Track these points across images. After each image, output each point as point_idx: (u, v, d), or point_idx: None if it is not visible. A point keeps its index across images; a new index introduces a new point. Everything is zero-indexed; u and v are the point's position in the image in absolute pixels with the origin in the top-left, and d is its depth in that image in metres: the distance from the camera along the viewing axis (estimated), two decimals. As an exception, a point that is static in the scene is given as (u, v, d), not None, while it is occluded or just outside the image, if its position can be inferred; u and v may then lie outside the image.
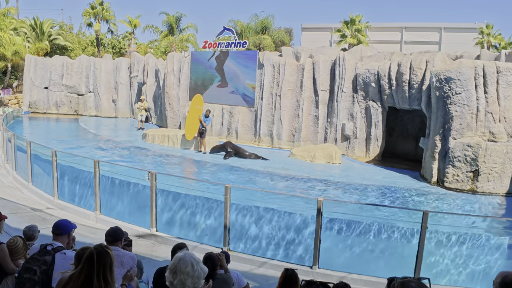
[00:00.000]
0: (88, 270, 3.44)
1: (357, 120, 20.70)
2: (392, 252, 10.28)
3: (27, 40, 40.59)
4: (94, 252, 3.48)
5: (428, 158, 16.89)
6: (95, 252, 3.48)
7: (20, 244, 5.90)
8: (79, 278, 3.44)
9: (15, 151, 16.91)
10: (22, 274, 4.78)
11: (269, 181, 16.28)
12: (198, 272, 3.25)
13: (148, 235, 11.25)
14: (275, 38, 44.37)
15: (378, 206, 13.25)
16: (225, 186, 10.18)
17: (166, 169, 17.12)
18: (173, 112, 27.38)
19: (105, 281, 3.46)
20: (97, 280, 3.42)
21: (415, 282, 2.91)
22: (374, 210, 12.37)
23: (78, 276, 3.46)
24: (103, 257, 3.49)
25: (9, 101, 36.42)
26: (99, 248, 3.54)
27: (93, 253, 3.47)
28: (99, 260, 3.46)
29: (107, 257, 3.50)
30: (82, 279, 3.43)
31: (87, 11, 46.00)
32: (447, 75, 15.78)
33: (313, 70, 22.14)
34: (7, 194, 14.75)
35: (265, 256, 10.34)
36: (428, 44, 44.06)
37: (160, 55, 42.93)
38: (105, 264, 3.48)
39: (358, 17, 41.84)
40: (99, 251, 3.50)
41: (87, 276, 3.43)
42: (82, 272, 3.45)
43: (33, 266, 4.73)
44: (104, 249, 3.55)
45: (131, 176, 12.82)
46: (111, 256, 3.55)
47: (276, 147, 23.00)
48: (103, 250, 3.53)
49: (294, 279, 4.67)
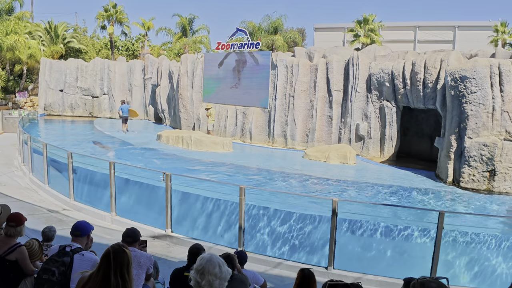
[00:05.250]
0: (105, 268, 3.48)
1: (371, 120, 20.60)
2: (407, 253, 10.21)
3: (42, 43, 40.97)
4: (111, 251, 3.52)
5: (444, 158, 16.76)
6: (111, 250, 3.52)
7: (36, 246, 5.96)
8: (97, 276, 3.49)
9: (31, 153, 17.07)
10: (41, 275, 4.83)
11: (284, 182, 16.26)
12: (225, 274, 3.28)
13: (163, 236, 11.30)
14: (287, 39, 44.34)
15: (393, 206, 13.18)
16: (239, 187, 10.18)
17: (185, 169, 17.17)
18: (186, 113, 27.50)
19: (122, 279, 3.49)
20: (115, 278, 3.46)
21: (435, 282, 2.89)
22: (389, 211, 12.31)
23: (97, 274, 3.51)
24: (120, 255, 3.52)
25: (24, 104, 36.80)
26: (115, 247, 3.58)
27: (110, 251, 3.52)
28: (115, 258, 3.49)
29: (124, 256, 3.54)
30: (100, 278, 3.47)
31: (100, 14, 46.36)
32: (462, 74, 15.65)
33: (326, 70, 22.08)
34: (24, 196, 14.90)
35: (280, 257, 10.33)
36: (442, 43, 43.69)
37: (174, 57, 43.12)
38: (122, 262, 3.51)
39: (372, 17, 41.67)
40: (116, 250, 3.54)
41: (105, 274, 3.47)
42: (100, 271, 3.50)
43: (52, 267, 4.78)
44: (121, 247, 3.59)
45: (146, 177, 12.88)
46: (128, 254, 3.58)
47: (290, 147, 22.97)
48: (120, 249, 3.57)
49: (311, 279, 4.66)
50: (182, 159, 19.39)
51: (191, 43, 45.28)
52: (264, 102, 24.09)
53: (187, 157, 19.91)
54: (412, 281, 3.01)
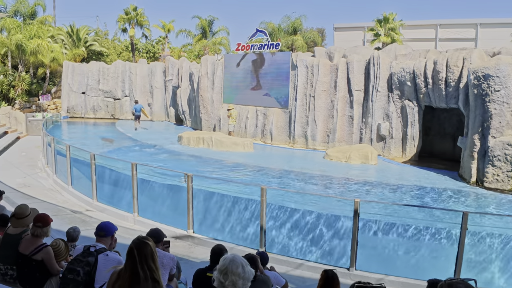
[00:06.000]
0: (132, 263, 3.57)
1: (393, 119, 20.42)
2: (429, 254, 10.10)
3: (64, 46, 41.53)
4: (133, 246, 3.61)
5: (467, 157, 16.53)
6: (133, 245, 3.61)
7: (62, 246, 6.06)
8: (126, 273, 3.59)
9: (55, 154, 17.32)
10: (66, 275, 4.92)
11: (305, 183, 16.23)
12: (248, 274, 3.30)
13: (185, 237, 11.36)
14: (307, 39, 44.21)
15: (415, 207, 13.05)
16: (261, 188, 10.18)
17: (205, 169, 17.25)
18: (207, 114, 27.62)
19: (149, 269, 3.58)
20: (142, 270, 3.54)
21: (463, 284, 2.85)
22: (412, 211, 12.18)
23: (125, 272, 3.61)
24: (143, 247, 3.60)
25: (48, 107, 37.31)
26: (136, 241, 3.66)
27: (132, 247, 3.61)
28: (139, 252, 3.58)
29: (146, 247, 3.61)
30: (128, 274, 3.57)
31: (121, 17, 46.80)
32: (485, 72, 15.42)
33: (347, 70, 21.96)
34: (48, 197, 15.13)
35: (301, 258, 10.31)
36: (464, 41, 43.02)
37: (194, 59, 43.30)
38: (146, 253, 3.59)
39: (392, 15, 41.23)
40: (137, 243, 3.62)
41: (132, 269, 3.56)
42: (127, 267, 3.60)
43: (77, 267, 4.85)
44: (142, 240, 3.67)
45: (168, 178, 12.97)
46: (150, 245, 3.65)
47: (310, 148, 22.90)
48: (141, 241, 3.65)
49: (334, 280, 4.63)
50: (203, 160, 19.46)
51: (211, 44, 45.43)
52: (285, 102, 24.05)
53: (208, 157, 19.98)
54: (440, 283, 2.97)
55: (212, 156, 20.44)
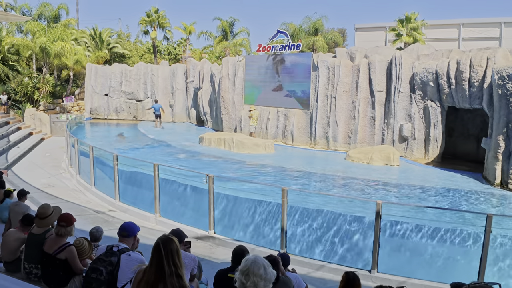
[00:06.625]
0: (157, 259, 3.71)
1: (415, 120, 20.18)
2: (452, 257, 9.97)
3: (87, 49, 42.14)
4: (160, 242, 3.74)
5: (491, 159, 16.26)
6: (160, 241, 3.74)
7: (85, 245, 6.14)
8: (152, 268, 3.73)
9: (79, 155, 17.57)
10: (89, 274, 4.98)
11: (326, 184, 16.16)
12: (269, 275, 3.31)
13: (206, 237, 11.40)
14: (328, 40, 43.98)
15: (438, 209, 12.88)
16: (282, 189, 10.17)
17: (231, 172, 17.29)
18: (228, 115, 27.70)
19: (174, 265, 3.71)
20: (168, 266, 3.68)
21: (487, 288, 2.81)
22: (435, 213, 12.03)
23: (150, 267, 3.75)
24: (168, 244, 3.74)
25: (71, 108, 37.89)
26: (162, 237, 3.80)
27: (159, 242, 3.74)
28: (165, 247, 3.71)
29: (172, 244, 3.75)
30: (154, 269, 3.71)
31: (143, 20, 47.23)
32: (510, 72, 15.15)
33: (368, 70, 21.80)
34: (72, 197, 15.36)
35: (323, 259, 10.26)
36: (487, 40, 42.29)
37: (215, 60, 43.50)
38: (172, 250, 3.73)
39: (414, 15, 40.77)
40: (164, 240, 3.76)
41: (158, 264, 3.70)
42: (153, 262, 3.73)
43: (100, 266, 4.92)
44: (168, 237, 3.82)
45: (189, 179, 13.04)
46: (175, 242, 3.79)
47: (332, 149, 22.78)
48: (168, 238, 3.79)
49: (356, 282, 4.60)
50: (224, 161, 19.52)
51: (232, 46, 45.54)
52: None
53: (229, 158, 20.03)
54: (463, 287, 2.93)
55: (233, 157, 20.48)
